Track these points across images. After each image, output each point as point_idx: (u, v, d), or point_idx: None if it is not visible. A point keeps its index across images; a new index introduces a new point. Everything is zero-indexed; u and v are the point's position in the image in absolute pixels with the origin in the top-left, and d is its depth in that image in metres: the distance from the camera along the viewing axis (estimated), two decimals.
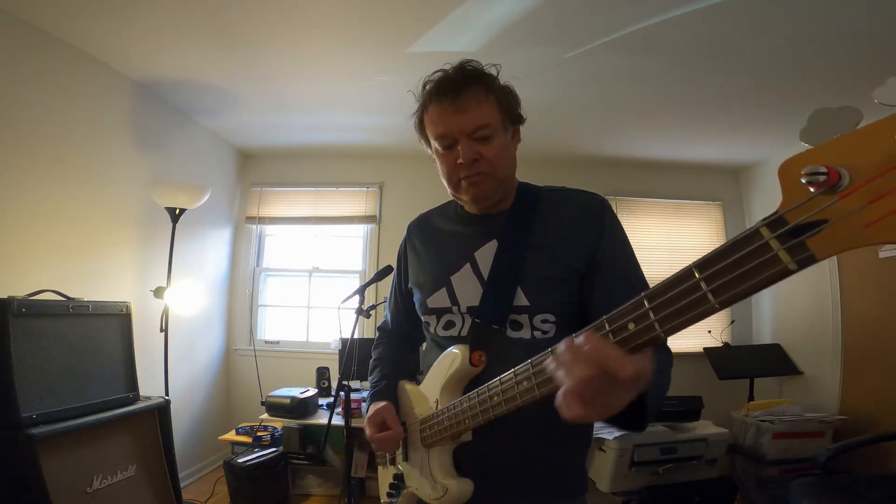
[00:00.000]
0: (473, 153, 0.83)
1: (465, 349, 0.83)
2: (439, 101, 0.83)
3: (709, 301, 0.44)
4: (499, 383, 0.70)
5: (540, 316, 0.84)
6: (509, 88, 0.89)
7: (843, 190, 0.36)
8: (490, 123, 0.83)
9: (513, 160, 0.90)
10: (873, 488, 1.90)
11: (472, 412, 0.75)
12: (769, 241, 0.40)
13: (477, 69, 0.85)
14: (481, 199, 0.88)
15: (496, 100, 0.85)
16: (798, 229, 0.38)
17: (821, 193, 0.37)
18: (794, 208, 0.39)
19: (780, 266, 0.39)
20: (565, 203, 0.90)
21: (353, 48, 2.27)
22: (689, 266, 0.46)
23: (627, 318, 0.50)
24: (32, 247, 2.06)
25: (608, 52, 2.20)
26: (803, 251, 0.38)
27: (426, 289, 0.95)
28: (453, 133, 0.83)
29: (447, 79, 0.84)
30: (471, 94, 0.82)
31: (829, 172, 0.36)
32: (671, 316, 0.47)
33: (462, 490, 0.80)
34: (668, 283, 0.47)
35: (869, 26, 1.93)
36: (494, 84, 0.86)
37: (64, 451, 1.58)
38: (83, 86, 2.30)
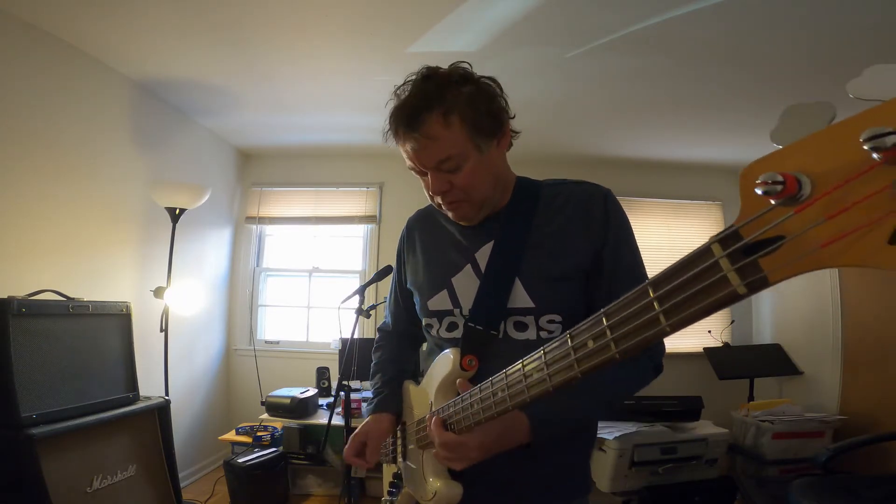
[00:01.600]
0: (443, 185, 0.80)
1: (456, 353, 0.82)
2: (397, 137, 0.80)
3: (660, 323, 0.40)
4: (478, 391, 0.68)
5: (546, 317, 0.81)
6: (483, 92, 0.80)
7: (804, 201, 0.31)
8: (453, 154, 0.77)
9: (494, 174, 0.83)
10: (873, 488, 1.90)
11: (455, 417, 0.73)
12: (719, 260, 0.35)
13: (436, 85, 0.77)
14: (464, 220, 0.88)
15: (459, 121, 0.76)
16: (752, 247, 0.34)
17: (780, 205, 0.32)
18: (749, 222, 0.34)
19: (729, 289, 0.35)
20: (566, 196, 0.86)
21: (353, 48, 2.27)
22: (646, 282, 0.42)
23: (587, 335, 0.49)
24: (32, 247, 2.06)
25: (609, 52, 2.20)
26: (755, 272, 0.33)
27: (426, 291, 0.93)
28: (419, 167, 0.81)
29: (403, 109, 0.78)
30: (426, 128, 0.75)
31: (787, 180, 0.31)
32: (625, 337, 0.44)
33: (451, 493, 0.80)
34: (626, 301, 0.44)
35: (874, 23, 1.93)
36: (457, 100, 0.77)
37: (64, 451, 1.58)
38: (83, 86, 2.30)
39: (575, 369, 0.50)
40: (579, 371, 0.50)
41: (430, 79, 0.79)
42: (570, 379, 0.52)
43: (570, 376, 0.52)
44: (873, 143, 0.27)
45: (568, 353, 0.51)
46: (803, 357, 3.19)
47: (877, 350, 2.72)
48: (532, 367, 0.58)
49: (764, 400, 3.02)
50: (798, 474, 2.26)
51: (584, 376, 0.50)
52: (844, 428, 2.68)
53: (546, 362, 0.55)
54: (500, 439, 0.72)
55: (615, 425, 2.58)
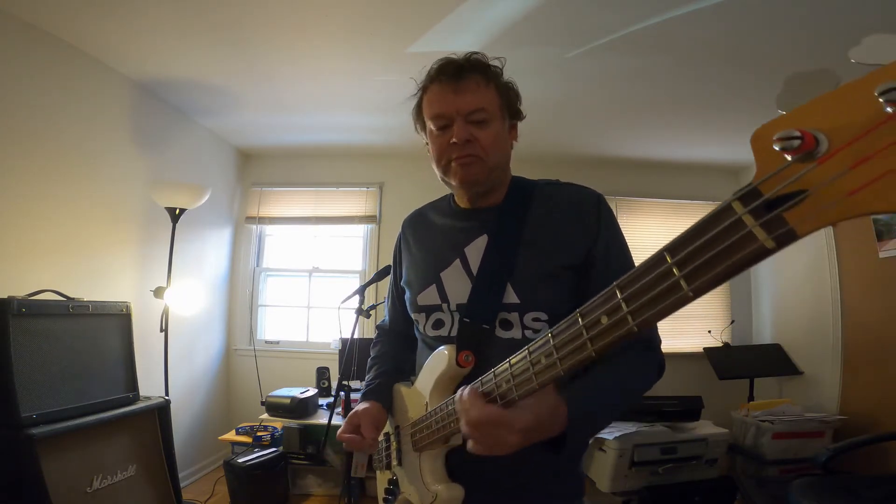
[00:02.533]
0: (467, 134, 0.83)
1: (451, 349, 0.81)
2: (440, 81, 0.85)
3: (682, 288, 0.39)
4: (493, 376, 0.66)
5: (531, 314, 0.81)
6: (511, 83, 0.91)
7: (822, 155, 0.32)
8: (487, 108, 0.84)
9: (506, 150, 0.90)
10: (873, 488, 1.90)
11: (456, 415, 0.71)
12: (742, 217, 0.35)
13: (481, 59, 0.87)
14: (470, 182, 0.86)
15: (496, 89, 0.86)
16: (774, 202, 0.34)
17: (797, 160, 0.33)
18: (768, 178, 0.34)
19: (756, 244, 0.35)
20: (560, 197, 0.88)
21: (353, 48, 2.27)
22: (661, 249, 0.41)
23: (600, 311, 0.47)
24: (32, 247, 2.06)
25: (609, 52, 2.20)
26: (781, 226, 0.34)
27: (416, 286, 0.93)
28: (450, 113, 0.84)
29: (450, 62, 0.86)
30: (471, 78, 0.84)
31: (804, 136, 0.32)
32: (643, 307, 0.43)
33: (452, 496, 0.79)
34: (640, 270, 0.43)
35: (874, 23, 1.92)
36: (497, 76, 0.88)
37: (64, 451, 1.58)
38: (83, 86, 2.30)
39: (588, 348, 0.49)
40: (593, 350, 0.49)
41: (474, 55, 0.88)
42: (584, 360, 0.50)
43: (583, 356, 0.50)
44: (887, 96, 0.29)
45: (579, 333, 0.50)
46: (803, 357, 3.19)
47: (877, 350, 2.71)
48: (540, 353, 0.56)
49: (764, 400, 3.02)
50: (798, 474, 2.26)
51: (598, 356, 0.49)
52: (844, 428, 2.68)
53: (555, 346, 0.54)
54: (540, 426, 0.63)
55: (615, 425, 2.58)
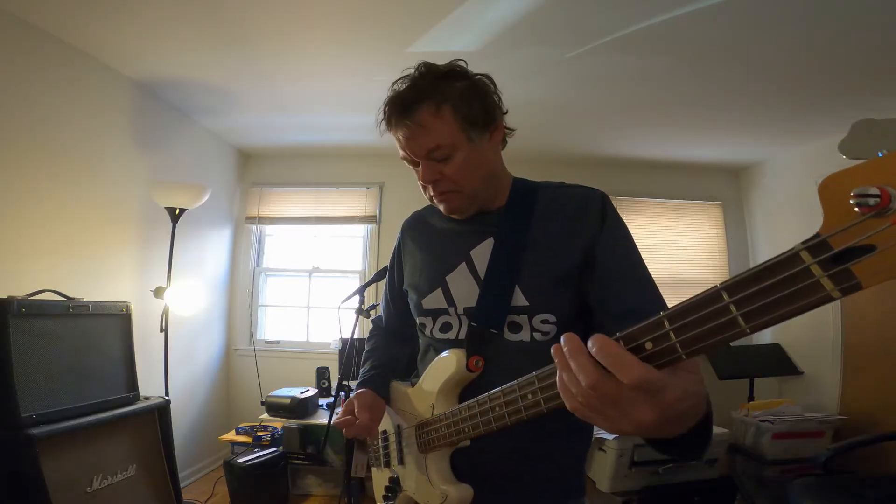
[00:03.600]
0: (433, 174, 0.81)
1: (461, 353, 0.81)
2: (389, 126, 0.82)
3: (739, 325, 0.42)
4: (501, 395, 0.67)
5: (540, 316, 0.81)
6: (477, 87, 0.83)
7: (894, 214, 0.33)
8: (443, 143, 0.79)
9: (486, 167, 0.85)
10: (873, 488, 1.90)
11: (472, 422, 0.73)
12: (810, 267, 0.37)
13: (430, 79, 0.81)
14: (454, 212, 0.88)
15: (451, 112, 0.79)
16: (841, 255, 0.36)
17: (870, 217, 0.34)
18: (840, 232, 0.36)
19: (822, 293, 0.37)
20: (564, 198, 0.87)
21: (353, 47, 2.27)
22: (715, 287, 0.43)
23: (644, 337, 0.48)
24: (32, 247, 2.06)
25: (609, 52, 2.20)
26: (849, 279, 0.36)
27: (421, 290, 0.93)
28: (410, 156, 0.83)
29: (395, 100, 0.81)
30: (418, 117, 0.78)
31: (882, 194, 0.33)
32: (696, 339, 0.45)
33: (462, 496, 0.79)
34: (691, 304, 0.45)
35: (875, 23, 1.92)
36: (450, 93, 0.79)
37: (64, 451, 1.58)
38: (83, 85, 2.30)
39: None
40: None
41: (425, 74, 0.82)
42: None
43: None
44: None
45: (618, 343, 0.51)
46: (803, 357, 3.19)
47: (877, 350, 2.72)
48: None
49: (764, 400, 3.02)
50: (798, 474, 2.26)
51: None
52: (844, 428, 2.68)
53: None
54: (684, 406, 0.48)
55: None
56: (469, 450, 0.82)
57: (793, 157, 3.35)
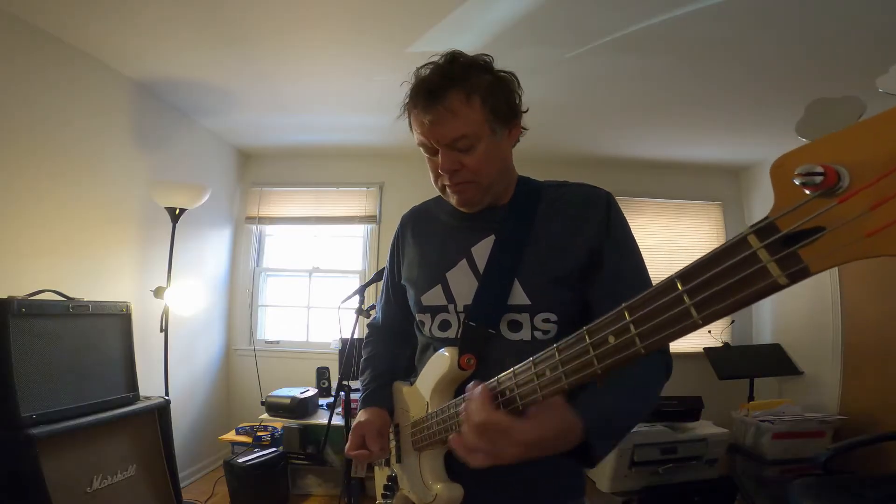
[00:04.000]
0: (454, 163, 0.80)
1: (454, 352, 0.80)
2: (416, 109, 0.80)
3: (692, 316, 0.40)
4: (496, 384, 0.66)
5: (541, 315, 0.81)
6: (503, 82, 0.82)
7: (843, 192, 0.32)
8: (469, 133, 0.78)
9: (503, 161, 0.85)
10: (873, 488, 1.90)
11: (458, 418, 0.71)
12: (757, 252, 0.35)
13: (461, 67, 0.79)
14: (467, 205, 0.86)
15: (480, 102, 0.78)
16: (791, 238, 0.34)
17: (817, 196, 0.33)
18: (787, 213, 0.34)
19: (769, 280, 0.35)
20: (567, 198, 0.86)
21: (353, 48, 2.27)
22: (672, 276, 0.42)
23: (608, 330, 0.48)
24: (32, 247, 2.06)
25: (609, 52, 2.20)
26: (796, 263, 0.34)
27: (420, 285, 0.91)
28: (432, 143, 0.80)
29: (424, 84, 0.79)
30: (448, 102, 0.77)
31: (827, 172, 0.31)
32: (652, 331, 0.43)
33: (452, 495, 0.79)
34: (650, 295, 0.44)
35: (875, 23, 1.92)
36: (480, 83, 0.79)
37: (64, 451, 1.58)
38: (83, 85, 2.30)
39: (594, 366, 0.50)
40: (599, 367, 0.49)
41: (455, 60, 0.81)
42: (590, 375, 0.51)
43: (588, 372, 0.51)
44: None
45: (586, 350, 0.51)
46: (803, 357, 3.19)
47: (877, 350, 2.72)
48: (545, 366, 0.56)
49: (764, 400, 3.02)
50: (798, 474, 2.26)
51: (603, 373, 0.50)
52: (844, 428, 2.68)
53: (561, 360, 0.54)
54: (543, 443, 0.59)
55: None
56: None
57: None
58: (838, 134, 0.33)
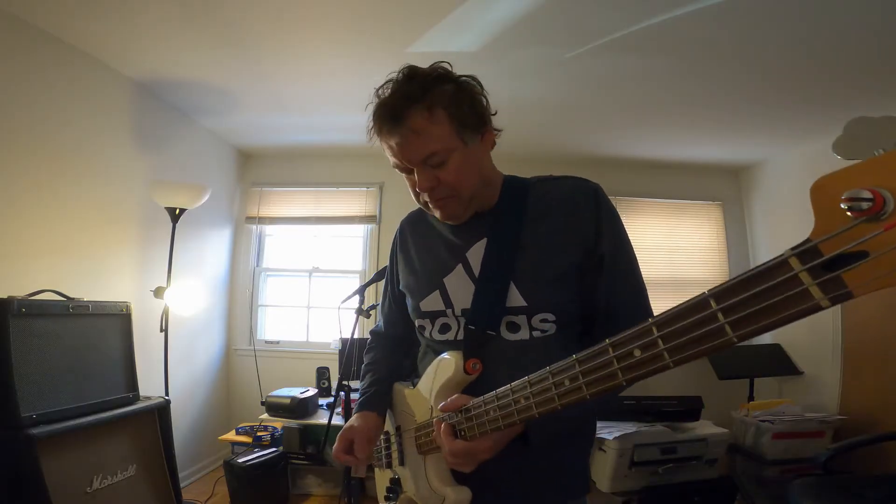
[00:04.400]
0: (431, 180, 0.79)
1: (458, 356, 0.81)
2: (381, 133, 0.80)
3: (726, 334, 0.40)
4: (495, 399, 0.69)
5: (539, 316, 0.81)
6: (465, 89, 0.81)
7: (888, 218, 0.31)
8: (438, 149, 0.77)
9: (480, 170, 0.83)
10: (873, 488, 1.90)
11: (467, 424, 0.73)
12: (799, 275, 0.35)
13: (419, 83, 0.78)
14: (452, 219, 0.86)
15: (445, 115, 0.77)
16: (832, 261, 0.34)
17: (863, 221, 0.32)
18: (831, 237, 0.34)
19: (811, 302, 0.35)
20: (555, 192, 0.86)
21: (353, 48, 2.27)
22: (704, 294, 0.42)
23: (633, 344, 0.48)
24: (32, 247, 2.06)
25: (609, 52, 2.20)
26: (839, 287, 0.33)
27: (418, 292, 0.92)
28: (404, 164, 0.80)
29: (385, 107, 0.78)
30: (411, 122, 0.76)
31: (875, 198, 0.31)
32: (682, 346, 0.44)
33: (460, 498, 0.79)
34: (680, 311, 0.44)
35: (875, 23, 1.92)
36: (441, 96, 0.77)
37: (64, 451, 1.58)
38: (83, 85, 2.30)
39: (619, 377, 0.50)
40: (624, 380, 0.50)
41: (412, 78, 0.79)
42: (613, 387, 0.52)
43: (613, 384, 0.51)
44: None
45: (610, 362, 0.51)
46: (803, 357, 3.19)
47: (877, 350, 2.72)
48: (565, 375, 0.57)
49: (764, 400, 3.02)
50: (798, 474, 2.26)
51: (628, 384, 0.50)
52: (844, 428, 2.68)
53: (581, 371, 0.55)
54: (498, 442, 0.74)
55: (615, 425, 2.58)
56: None
57: (793, 157, 3.35)
58: (883, 157, 0.32)
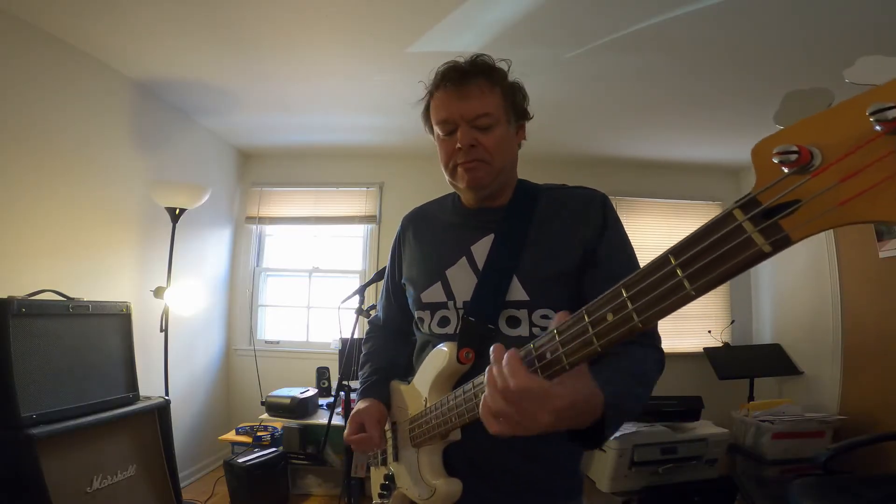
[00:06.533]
0: (471, 139, 0.84)
1: (452, 346, 0.81)
2: (445, 87, 0.85)
3: (685, 288, 0.43)
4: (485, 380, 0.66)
5: (540, 311, 0.82)
6: (518, 85, 0.91)
7: (816, 169, 0.36)
8: (491, 113, 0.84)
9: (512, 152, 0.91)
10: (873, 488, 1.90)
11: (457, 410, 0.73)
12: (742, 224, 0.39)
13: (487, 62, 0.87)
14: (476, 186, 0.87)
15: (501, 92, 0.86)
16: (771, 210, 0.38)
17: (793, 173, 0.36)
18: (767, 189, 0.38)
19: (755, 248, 0.38)
20: (565, 200, 0.89)
21: (353, 48, 2.27)
22: (665, 252, 0.45)
23: (606, 308, 0.50)
24: (32, 247, 2.06)
25: (608, 52, 2.20)
26: (777, 232, 0.37)
27: (420, 283, 0.93)
28: (454, 118, 0.84)
29: (455, 67, 0.86)
30: (475, 83, 0.84)
31: (801, 151, 0.35)
32: (648, 304, 0.46)
33: (450, 490, 0.79)
34: (645, 271, 0.47)
35: (875, 23, 1.92)
36: (502, 78, 0.88)
37: (64, 451, 1.58)
38: (83, 86, 2.30)
39: (594, 343, 0.51)
40: (598, 345, 0.51)
41: (477, 61, 0.87)
42: (590, 354, 0.53)
43: (589, 351, 0.52)
44: (877, 116, 0.32)
45: (585, 329, 0.52)
46: (803, 357, 3.19)
47: (877, 350, 2.72)
48: (545, 349, 0.57)
49: (764, 400, 3.02)
50: (798, 474, 2.26)
51: (603, 350, 0.51)
52: (844, 428, 2.68)
53: (561, 341, 0.55)
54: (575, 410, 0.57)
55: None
56: (463, 445, 0.82)
57: None
58: (810, 119, 0.37)
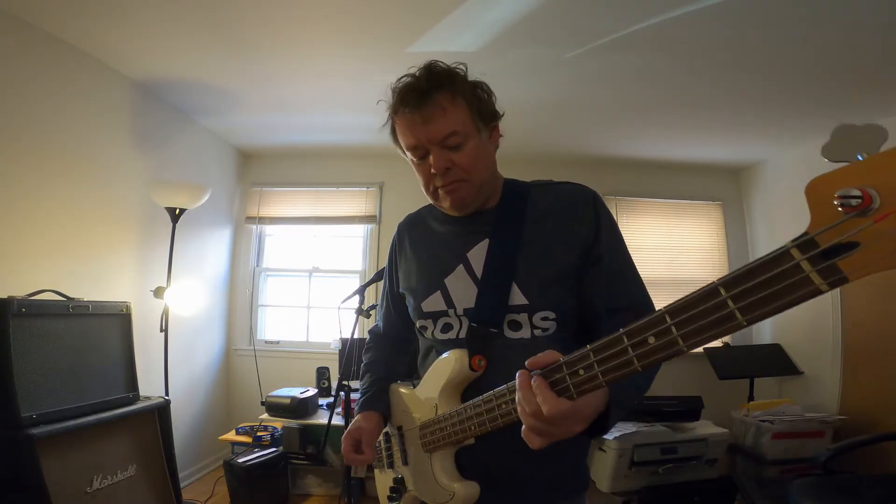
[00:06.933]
0: (445, 161, 0.81)
1: (463, 354, 0.82)
2: (405, 111, 0.82)
3: (736, 318, 0.45)
4: (507, 392, 0.69)
5: (540, 314, 0.82)
6: (480, 86, 0.87)
7: (876, 213, 0.37)
8: (459, 130, 0.81)
9: (490, 160, 0.88)
10: (873, 488, 1.90)
11: (478, 419, 0.74)
12: (800, 263, 0.40)
13: (443, 71, 0.83)
14: (460, 206, 0.87)
15: (465, 102, 0.82)
16: (828, 251, 0.39)
17: (853, 216, 0.38)
18: (826, 230, 0.39)
19: (811, 287, 0.40)
20: (555, 196, 0.89)
21: (353, 48, 2.27)
22: (713, 284, 0.47)
23: (648, 332, 0.52)
24: (32, 247, 2.06)
25: (608, 52, 2.20)
26: (835, 273, 0.39)
27: (419, 293, 0.93)
28: (423, 144, 0.82)
29: (411, 87, 0.82)
30: (436, 101, 0.80)
31: (863, 196, 0.36)
32: (696, 331, 0.48)
33: (469, 493, 0.80)
34: (691, 300, 0.48)
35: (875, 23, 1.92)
36: (462, 85, 0.83)
37: (64, 451, 1.58)
38: (83, 86, 2.30)
39: (634, 364, 0.54)
40: (639, 365, 0.53)
41: (433, 69, 0.84)
42: (628, 374, 0.55)
43: (628, 371, 0.55)
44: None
45: (625, 350, 0.54)
46: (803, 357, 3.19)
47: (877, 350, 2.72)
48: (579, 366, 0.58)
49: (764, 400, 3.02)
50: (798, 474, 2.26)
51: (643, 370, 0.53)
52: (844, 428, 2.68)
53: (596, 360, 0.57)
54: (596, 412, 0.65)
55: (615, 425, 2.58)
56: (473, 448, 0.83)
57: (793, 157, 3.34)
58: (869, 160, 0.38)
